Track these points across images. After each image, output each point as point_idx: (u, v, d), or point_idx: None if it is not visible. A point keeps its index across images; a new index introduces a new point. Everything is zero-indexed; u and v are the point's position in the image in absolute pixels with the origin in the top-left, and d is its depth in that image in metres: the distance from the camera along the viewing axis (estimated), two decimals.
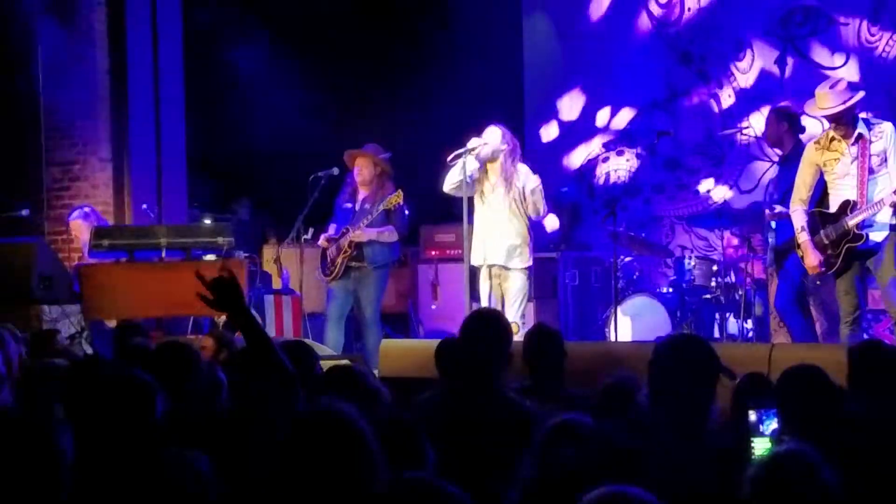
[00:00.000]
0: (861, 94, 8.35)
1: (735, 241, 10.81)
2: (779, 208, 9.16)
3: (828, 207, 8.26)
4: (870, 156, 8.05)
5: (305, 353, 5.35)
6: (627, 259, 11.45)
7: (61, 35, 12.47)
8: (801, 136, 9.49)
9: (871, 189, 8.05)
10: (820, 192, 8.41)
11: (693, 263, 10.90)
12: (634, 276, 11.47)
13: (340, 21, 13.78)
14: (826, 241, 8.21)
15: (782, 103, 10.85)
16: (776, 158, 10.07)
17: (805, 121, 9.54)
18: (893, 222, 8.03)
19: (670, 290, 11.11)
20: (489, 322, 5.44)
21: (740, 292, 10.43)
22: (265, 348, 4.44)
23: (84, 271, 10.11)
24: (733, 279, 10.66)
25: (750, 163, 11.98)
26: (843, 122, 8.14)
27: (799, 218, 8.38)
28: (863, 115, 8.44)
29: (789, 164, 9.28)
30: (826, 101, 8.19)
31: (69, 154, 12.58)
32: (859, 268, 8.21)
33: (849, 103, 8.11)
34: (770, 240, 9.34)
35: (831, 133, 8.23)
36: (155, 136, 12.62)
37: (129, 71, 12.51)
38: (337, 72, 13.72)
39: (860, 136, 8.08)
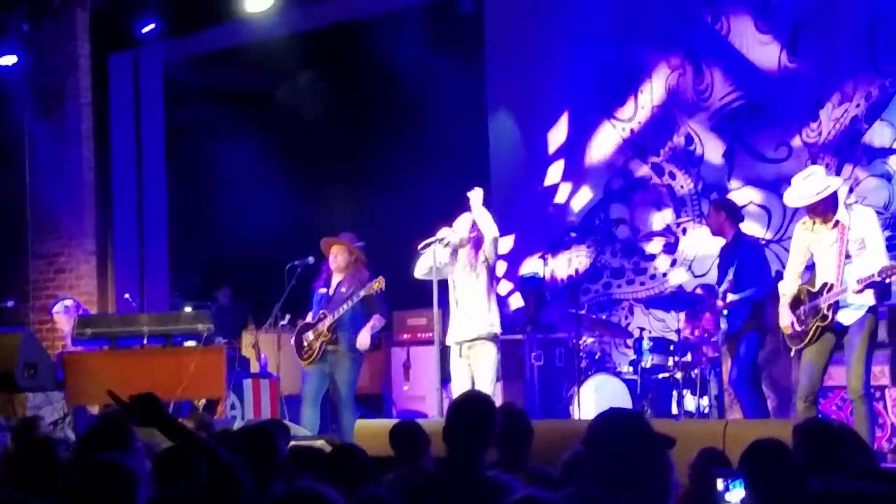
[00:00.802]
0: (839, 181, 8.66)
1: (690, 323, 11.10)
2: (731, 297, 9.60)
3: (812, 287, 8.54)
4: (847, 241, 8.28)
5: (270, 436, 5.42)
6: (590, 340, 11.78)
7: (49, 133, 12.90)
8: (741, 225, 9.92)
9: (848, 273, 8.26)
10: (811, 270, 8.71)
11: (651, 344, 11.26)
12: (596, 357, 11.80)
13: (315, 118, 14.25)
14: (802, 317, 8.49)
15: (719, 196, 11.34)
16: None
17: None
18: (871, 304, 8.30)
19: (630, 369, 11.41)
20: (476, 405, 5.47)
21: (696, 371, 10.70)
22: (197, 451, 4.55)
23: (67, 359, 10.40)
24: (690, 359, 10.88)
25: (703, 248, 12.40)
26: (821, 210, 8.39)
27: (784, 286, 8.68)
28: (849, 199, 8.75)
29: (730, 252, 9.74)
30: (802, 192, 8.45)
31: (54, 247, 12.95)
32: (825, 346, 8.45)
33: (824, 194, 8.35)
34: (723, 325, 9.77)
35: (814, 218, 8.52)
36: (138, 229, 13.01)
37: (114, 166, 12.95)
38: (313, 166, 14.14)
39: (838, 221, 8.35)
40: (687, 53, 12.70)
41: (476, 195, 9.73)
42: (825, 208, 8.36)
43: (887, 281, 8.18)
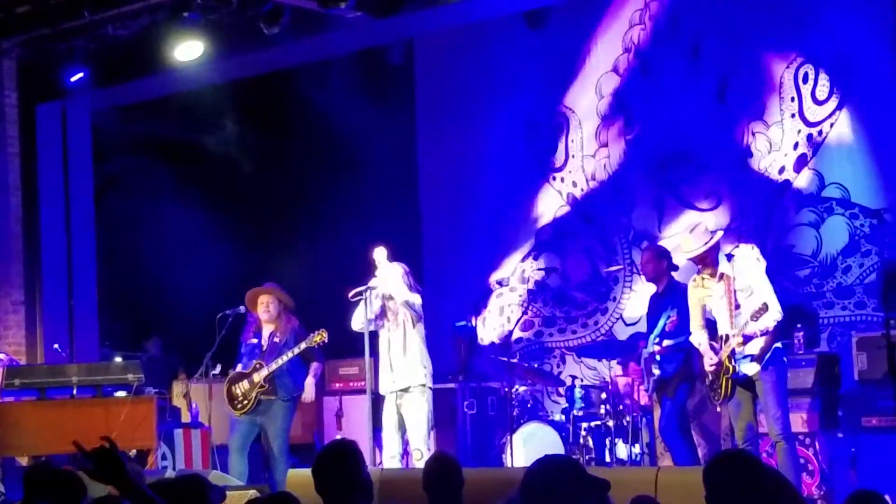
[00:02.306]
0: (719, 234, 8.94)
1: (621, 371, 11.19)
2: (667, 342, 9.70)
3: (716, 341, 8.76)
4: (735, 291, 8.57)
5: (199, 486, 5.32)
6: (522, 388, 11.84)
7: None
8: (674, 274, 10.08)
9: (739, 322, 8.55)
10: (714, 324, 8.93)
11: (583, 392, 11.32)
12: (529, 405, 11.89)
13: (246, 167, 14.28)
14: (710, 372, 8.70)
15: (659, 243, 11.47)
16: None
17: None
18: (760, 352, 8.53)
19: (563, 417, 11.47)
20: (339, 452, 5.39)
21: (628, 419, 10.78)
22: None
23: None
24: (621, 406, 10.97)
25: (634, 297, 12.53)
26: (707, 262, 8.69)
27: (698, 338, 8.89)
28: (729, 248, 8.99)
29: (663, 300, 9.87)
30: (687, 245, 8.76)
31: None
32: (745, 396, 8.66)
33: (709, 244, 8.68)
34: (655, 371, 9.88)
35: (702, 273, 8.81)
36: (67, 279, 12.91)
37: (42, 216, 12.84)
38: (242, 216, 14.15)
39: (722, 274, 8.62)
40: (616, 102, 12.85)
41: (378, 254, 9.79)
42: (712, 259, 8.66)
43: (762, 321, 8.35)
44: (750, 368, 8.58)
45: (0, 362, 11.22)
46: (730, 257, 8.76)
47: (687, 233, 8.81)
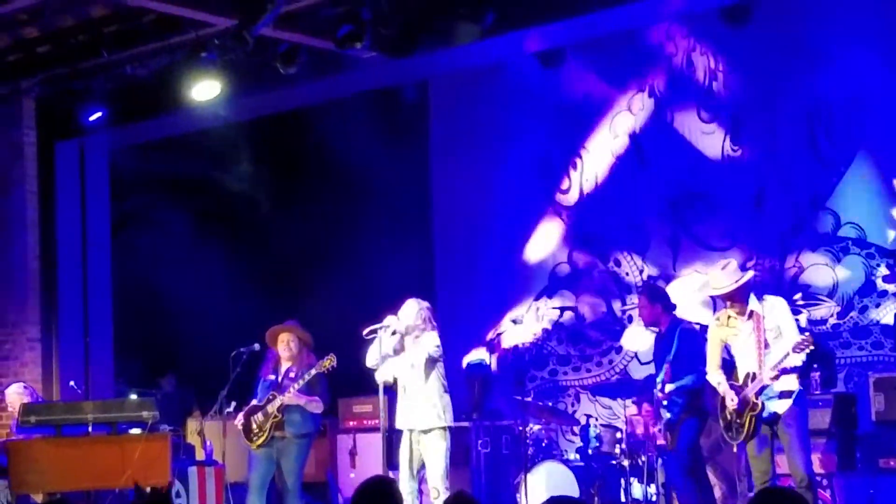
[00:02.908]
0: (751, 273, 8.87)
1: (636, 410, 11.18)
2: (669, 387, 9.67)
3: (737, 380, 8.70)
4: (764, 330, 8.52)
5: None
6: (536, 427, 11.81)
7: None
8: (676, 313, 10.01)
9: (768, 360, 8.47)
10: (732, 364, 8.87)
11: (598, 431, 11.31)
12: (543, 444, 11.84)
13: (261, 205, 14.34)
14: (732, 411, 8.63)
15: (655, 283, 11.49)
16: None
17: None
18: (797, 389, 8.48)
19: (577, 456, 11.45)
20: (382, 490, 5.46)
21: (643, 458, 10.73)
22: None
23: (11, 447, 10.28)
24: (637, 446, 10.96)
25: (649, 336, 12.51)
26: (737, 299, 8.64)
27: (715, 378, 8.84)
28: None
29: (664, 341, 9.82)
30: (719, 282, 8.69)
31: None
32: (765, 437, 8.57)
33: (740, 282, 8.63)
34: (665, 415, 9.83)
35: (727, 311, 8.77)
36: (83, 316, 12.96)
37: (59, 253, 12.91)
38: (257, 253, 14.18)
39: (752, 312, 8.59)
40: (631, 142, 12.88)
41: (409, 307, 9.78)
42: (742, 297, 8.61)
43: (802, 354, 8.34)
44: (780, 406, 8.51)
45: (26, 387, 11.32)
46: (760, 297, 8.74)
47: (718, 269, 8.76)
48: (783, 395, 8.49)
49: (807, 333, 8.49)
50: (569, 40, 11.95)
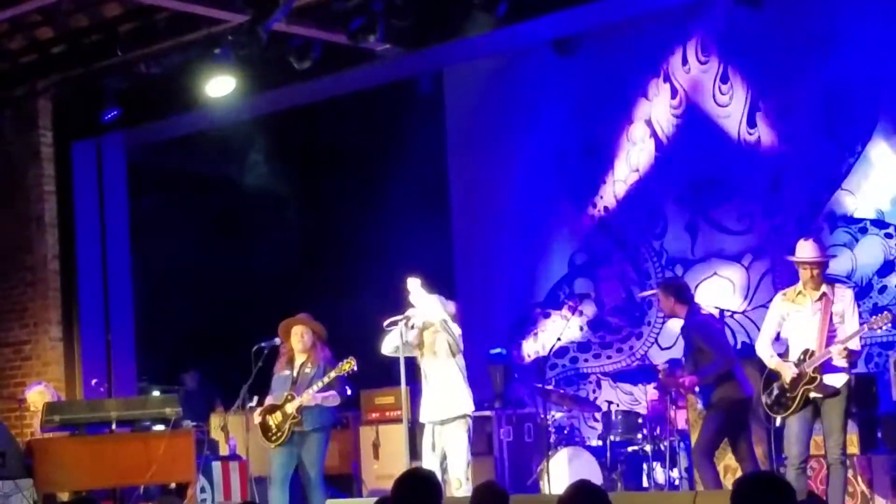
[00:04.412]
0: (835, 255, 8.97)
1: (657, 395, 11.20)
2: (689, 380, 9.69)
3: (787, 358, 8.71)
4: (832, 313, 8.57)
5: None
6: (558, 415, 11.87)
7: (12, 222, 12.97)
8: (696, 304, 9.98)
9: (838, 338, 8.51)
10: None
11: (619, 417, 11.34)
12: (565, 431, 11.84)
13: (278, 199, 14.38)
14: (785, 386, 8.62)
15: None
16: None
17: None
18: (845, 365, 8.53)
19: (599, 442, 11.47)
20: (420, 482, 5.58)
21: (665, 443, 10.76)
22: None
23: (36, 446, 10.34)
24: (658, 431, 11.00)
25: (668, 321, 12.46)
26: (820, 273, 8.66)
27: (767, 352, 8.85)
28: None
29: (686, 332, 9.82)
30: (810, 252, 8.69)
31: (21, 335, 12.96)
32: (809, 414, 8.60)
33: (829, 257, 8.86)
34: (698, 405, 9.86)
35: (799, 287, 8.74)
36: (104, 314, 13.01)
37: (79, 253, 12.96)
38: (274, 248, 14.23)
39: (824, 294, 8.62)
40: (649, 128, 12.88)
41: (413, 284, 9.81)
42: (824, 272, 8.72)
43: (878, 331, 8.67)
44: (837, 380, 8.56)
45: (48, 386, 11.46)
46: (832, 283, 8.80)
47: (810, 239, 8.80)
48: (839, 369, 8.55)
49: (886, 312, 8.59)
50: (583, 28, 11.94)
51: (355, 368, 9.98)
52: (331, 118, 13.55)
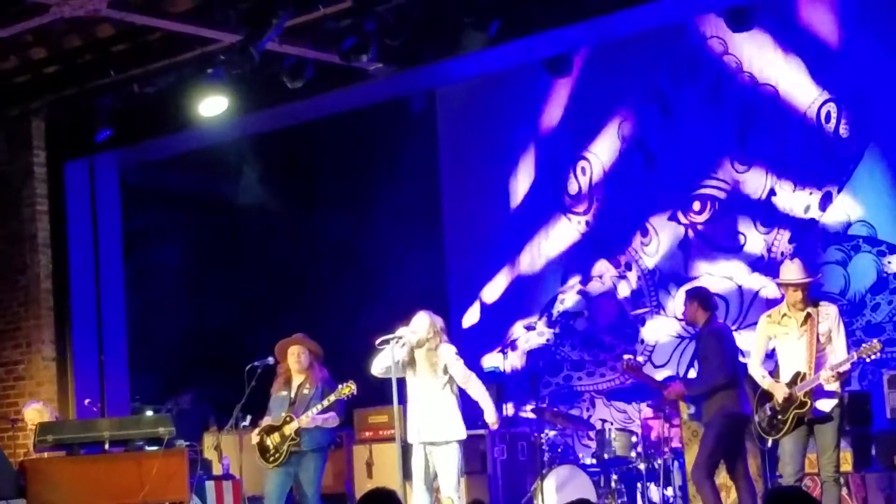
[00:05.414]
0: (820, 275, 8.96)
1: (651, 413, 11.23)
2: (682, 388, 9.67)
3: (779, 378, 8.75)
4: (818, 334, 8.61)
5: None
6: (552, 433, 11.88)
7: (5, 241, 12.96)
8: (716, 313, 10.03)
9: (828, 363, 8.55)
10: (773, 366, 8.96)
11: (614, 435, 11.33)
12: (559, 449, 11.86)
13: (271, 218, 14.39)
14: (777, 408, 8.67)
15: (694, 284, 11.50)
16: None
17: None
18: (836, 389, 8.57)
19: (593, 461, 11.49)
20: (382, 500, 5.51)
21: (659, 462, 10.82)
22: None
23: (29, 466, 10.26)
24: (652, 449, 11.03)
25: (661, 339, 12.56)
26: (804, 295, 8.68)
27: (759, 372, 8.88)
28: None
29: (702, 340, 9.86)
30: (794, 274, 8.73)
31: (14, 354, 12.95)
32: (802, 434, 8.65)
33: (815, 278, 8.85)
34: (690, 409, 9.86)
35: (784, 309, 8.79)
36: (97, 333, 13.00)
37: (71, 272, 12.95)
38: (268, 267, 14.24)
39: (809, 314, 8.65)
40: (639, 145, 12.90)
41: (420, 319, 9.78)
42: (809, 294, 8.71)
43: (868, 360, 8.53)
44: (827, 405, 8.60)
45: (45, 404, 11.44)
46: (816, 302, 8.79)
47: (791, 262, 8.82)
48: (829, 394, 8.59)
49: (875, 340, 8.61)
50: (574, 47, 11.95)
51: (355, 393, 9.98)
52: (324, 137, 13.57)
